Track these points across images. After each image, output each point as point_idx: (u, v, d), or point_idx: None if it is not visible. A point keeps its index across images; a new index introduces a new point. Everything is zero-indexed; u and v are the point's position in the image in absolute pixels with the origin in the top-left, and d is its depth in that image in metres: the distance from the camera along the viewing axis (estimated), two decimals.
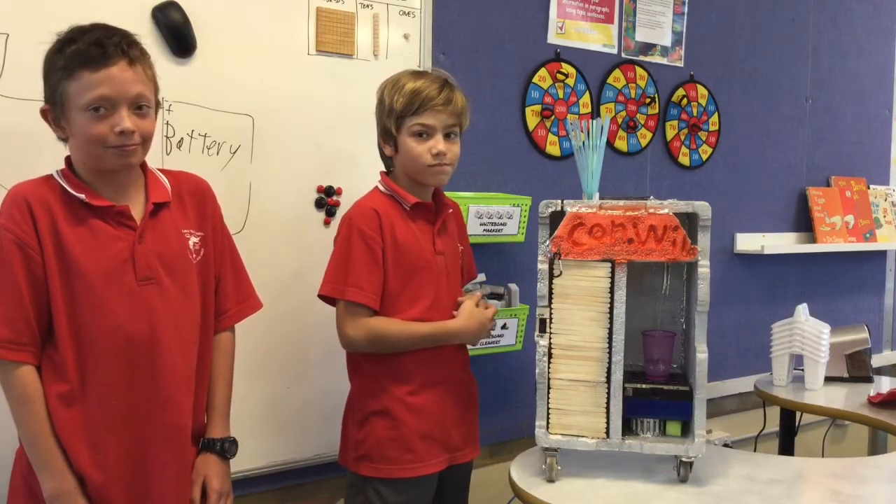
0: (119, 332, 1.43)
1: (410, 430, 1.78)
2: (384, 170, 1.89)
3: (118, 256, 1.44)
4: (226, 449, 1.60)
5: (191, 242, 1.55)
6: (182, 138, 1.91)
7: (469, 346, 1.93)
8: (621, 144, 2.80)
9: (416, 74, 1.82)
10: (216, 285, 1.61)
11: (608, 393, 1.62)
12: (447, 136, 1.79)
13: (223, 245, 1.63)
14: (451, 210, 1.91)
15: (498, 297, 2.39)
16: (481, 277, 2.33)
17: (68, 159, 1.49)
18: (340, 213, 2.02)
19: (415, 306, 1.77)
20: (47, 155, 1.74)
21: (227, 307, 1.63)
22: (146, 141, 1.46)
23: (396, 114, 1.76)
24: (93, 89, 1.38)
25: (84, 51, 1.39)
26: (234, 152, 1.98)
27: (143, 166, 1.54)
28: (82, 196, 1.44)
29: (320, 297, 1.80)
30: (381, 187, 1.85)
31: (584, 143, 1.71)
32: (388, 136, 1.81)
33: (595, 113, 2.71)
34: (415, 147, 1.76)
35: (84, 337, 1.42)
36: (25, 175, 1.71)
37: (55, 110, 1.43)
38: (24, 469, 1.45)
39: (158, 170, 1.58)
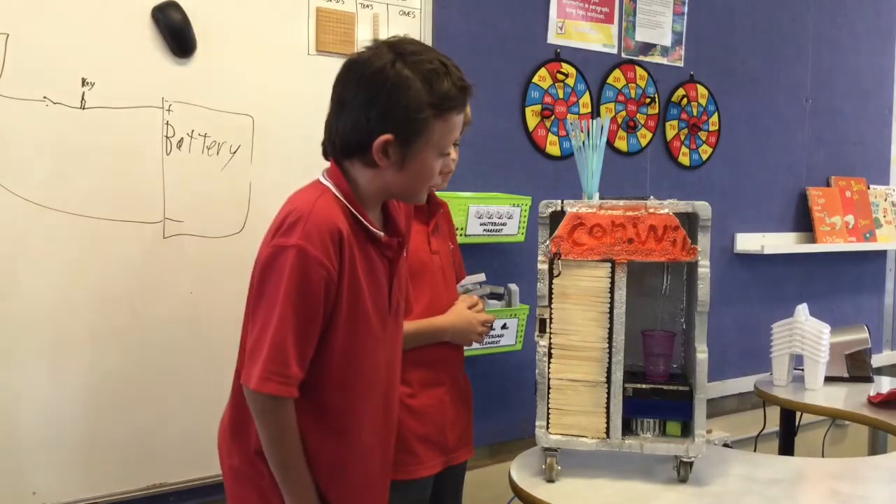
0: (375, 363, 1.42)
1: (410, 432, 1.78)
2: None
3: (382, 289, 1.42)
4: None
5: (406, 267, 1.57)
6: (182, 138, 1.91)
7: (467, 347, 1.93)
8: (621, 144, 2.80)
9: None
10: None
11: (608, 393, 1.62)
12: (454, 144, 1.79)
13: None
14: (442, 210, 1.91)
15: (498, 297, 2.39)
16: (481, 277, 2.33)
17: (344, 183, 1.38)
18: None
19: (414, 307, 1.77)
20: (47, 155, 1.75)
21: None
22: None
23: None
24: (455, 132, 1.38)
25: (456, 97, 1.34)
26: (234, 152, 1.98)
27: None
28: (380, 234, 1.39)
29: None
30: None
31: (584, 143, 1.71)
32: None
33: (595, 113, 2.71)
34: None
35: (350, 371, 1.38)
36: (26, 175, 1.73)
37: (397, 142, 1.32)
38: (264, 485, 1.40)
39: None
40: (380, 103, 1.32)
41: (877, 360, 3.44)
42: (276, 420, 1.33)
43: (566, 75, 2.63)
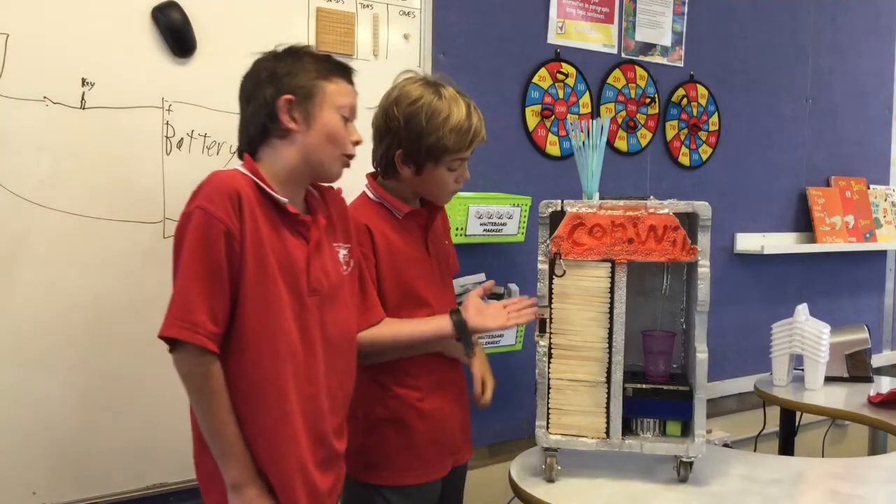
0: (290, 338, 1.44)
1: (420, 437, 1.75)
2: (371, 173, 1.83)
3: (297, 265, 1.46)
4: None
5: (341, 255, 1.58)
6: (182, 138, 1.91)
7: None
8: (621, 144, 2.80)
9: (449, 98, 1.72)
10: None
11: (608, 393, 1.62)
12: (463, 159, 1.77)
13: (357, 254, 1.65)
14: (440, 212, 1.89)
15: (498, 297, 2.39)
16: (481, 277, 2.33)
17: (252, 162, 1.48)
18: None
19: (418, 314, 1.75)
20: (47, 155, 1.75)
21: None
22: None
23: (445, 150, 1.69)
24: (349, 96, 1.51)
25: (337, 64, 1.52)
26: (234, 152, 1.98)
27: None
28: (284, 200, 1.45)
29: None
30: (370, 194, 1.80)
31: (584, 143, 1.71)
32: (414, 160, 1.72)
33: (595, 113, 2.71)
34: (447, 176, 1.74)
35: (260, 339, 1.42)
36: (26, 175, 1.73)
37: (298, 102, 1.46)
38: (210, 466, 1.45)
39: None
40: (273, 80, 1.48)
41: (877, 360, 3.44)
42: (199, 380, 1.38)
43: (566, 75, 2.63)
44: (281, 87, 1.47)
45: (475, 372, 1.93)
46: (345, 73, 1.53)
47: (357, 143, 1.53)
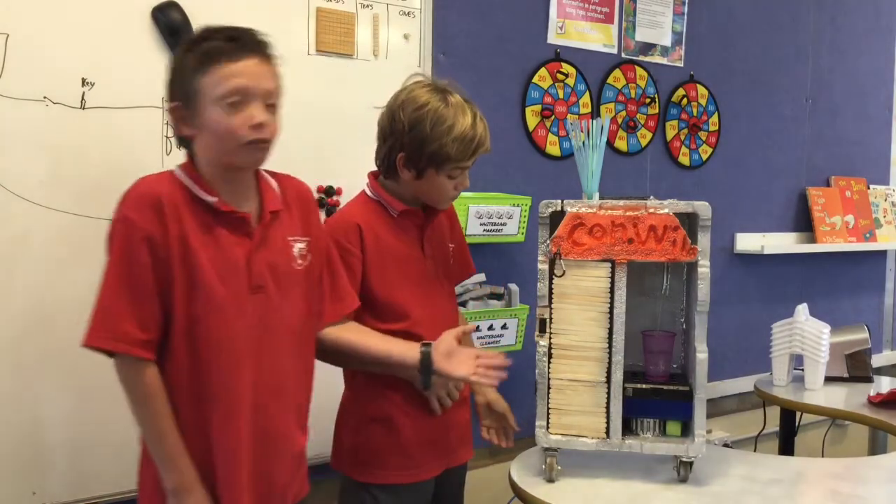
0: (231, 339, 1.43)
1: (409, 436, 1.77)
2: (373, 171, 1.84)
3: (235, 263, 1.43)
4: None
5: (296, 249, 1.54)
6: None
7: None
8: (621, 144, 2.80)
9: (455, 106, 1.71)
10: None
11: (608, 393, 1.62)
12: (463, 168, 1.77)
13: (324, 246, 1.62)
14: (439, 213, 1.89)
15: (498, 297, 2.39)
16: (481, 277, 2.33)
17: (190, 161, 1.46)
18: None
19: (407, 313, 1.75)
20: (47, 155, 1.75)
21: (321, 308, 1.62)
22: (273, 140, 1.45)
23: (447, 158, 1.69)
24: (229, 80, 1.38)
25: (219, 45, 1.40)
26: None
27: (255, 170, 1.53)
28: (213, 200, 1.42)
29: None
30: (368, 192, 1.81)
31: (584, 143, 1.71)
32: (415, 164, 1.71)
33: (595, 113, 2.71)
34: (447, 184, 1.74)
35: (198, 342, 1.41)
36: (26, 175, 1.73)
37: (184, 107, 1.42)
38: (154, 471, 1.44)
39: (266, 172, 1.55)
40: (168, 85, 1.45)
41: (877, 360, 3.44)
42: (134, 387, 1.39)
43: (566, 75, 2.63)
44: (171, 96, 1.44)
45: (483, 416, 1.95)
46: (227, 50, 1.40)
47: (258, 125, 1.40)
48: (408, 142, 1.70)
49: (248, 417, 1.45)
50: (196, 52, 1.41)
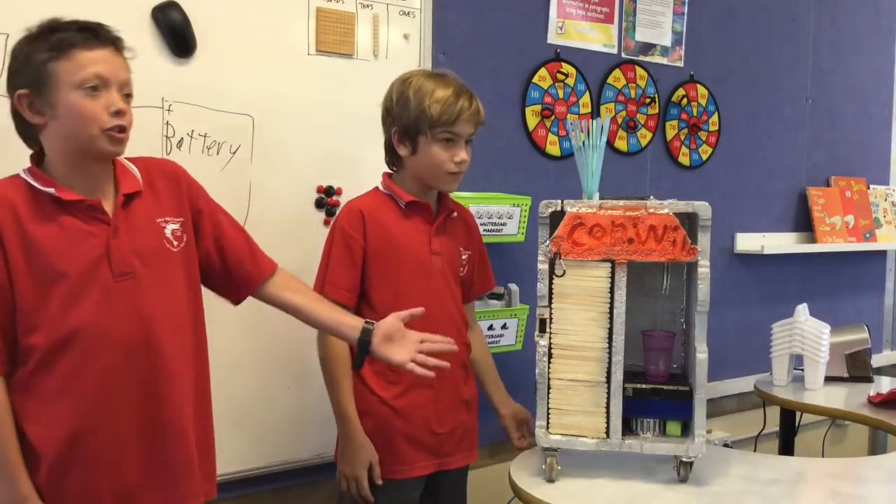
0: (99, 332, 1.39)
1: (395, 432, 1.78)
2: (387, 171, 1.89)
3: (92, 253, 1.39)
4: None
5: (168, 230, 1.49)
6: (182, 138, 1.91)
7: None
8: (621, 144, 2.80)
9: (439, 79, 1.81)
10: (225, 257, 1.57)
11: (608, 393, 1.62)
12: (466, 142, 1.80)
13: (217, 219, 1.58)
14: (454, 213, 1.90)
15: (498, 297, 2.39)
16: None
17: (35, 156, 1.44)
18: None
19: (404, 302, 1.75)
20: None
21: (246, 270, 1.59)
22: (129, 129, 1.42)
23: (430, 121, 1.75)
24: (89, 67, 1.37)
25: (74, 35, 1.38)
26: (234, 152, 1.98)
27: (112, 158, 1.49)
28: (50, 190, 1.38)
29: None
30: (380, 187, 1.86)
31: (584, 143, 1.71)
32: (408, 136, 1.79)
33: (595, 113, 2.71)
34: (440, 153, 1.77)
35: (57, 337, 1.37)
36: None
37: (34, 94, 1.38)
38: None
39: (127, 159, 1.51)
40: (10, 74, 1.41)
41: (877, 360, 3.44)
42: None
43: (566, 75, 2.63)
44: (15, 84, 1.39)
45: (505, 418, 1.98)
46: (85, 38, 1.39)
47: (116, 112, 1.38)
48: (397, 114, 1.79)
49: (133, 410, 1.41)
50: (48, 41, 1.38)
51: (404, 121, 1.78)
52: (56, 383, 1.38)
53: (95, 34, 1.40)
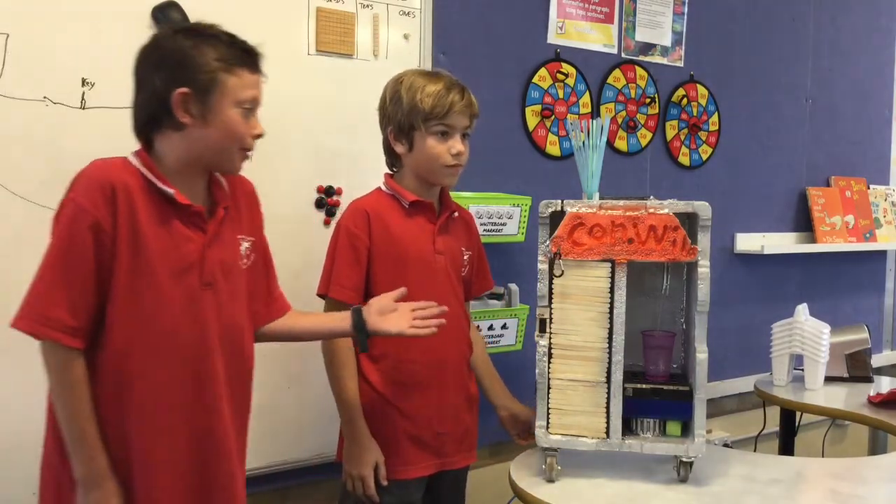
0: (173, 333, 1.42)
1: (398, 432, 1.79)
2: (388, 171, 1.89)
3: (187, 258, 1.42)
4: None
5: (243, 248, 1.54)
6: None
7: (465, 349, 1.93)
8: (621, 144, 2.80)
9: (430, 75, 1.82)
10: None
11: (608, 393, 1.62)
12: (462, 136, 1.81)
13: (264, 246, 1.63)
14: (455, 213, 1.90)
15: (498, 297, 2.39)
16: None
17: (143, 151, 1.44)
18: (340, 213, 2.02)
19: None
20: (47, 155, 1.75)
21: (256, 308, 1.61)
22: None
23: (423, 114, 1.76)
24: (251, 89, 1.43)
25: (242, 53, 1.44)
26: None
27: None
28: (171, 192, 1.41)
29: (318, 295, 1.82)
30: (383, 187, 1.86)
31: (584, 143, 1.71)
32: (403, 134, 1.80)
33: (595, 113, 2.71)
34: (435, 146, 1.77)
35: (136, 333, 1.39)
36: (26, 175, 1.73)
37: (197, 96, 1.39)
38: (51, 460, 1.44)
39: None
40: (167, 66, 1.40)
41: (877, 360, 3.44)
42: (57, 373, 1.37)
43: (566, 75, 2.63)
44: (176, 78, 1.38)
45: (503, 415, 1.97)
46: (250, 61, 1.45)
47: (258, 136, 1.46)
48: (391, 112, 1.81)
49: (185, 413, 1.44)
50: (217, 50, 1.41)
51: (399, 118, 1.79)
52: (126, 378, 1.40)
53: (255, 60, 1.46)
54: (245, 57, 1.44)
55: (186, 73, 1.39)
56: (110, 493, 1.39)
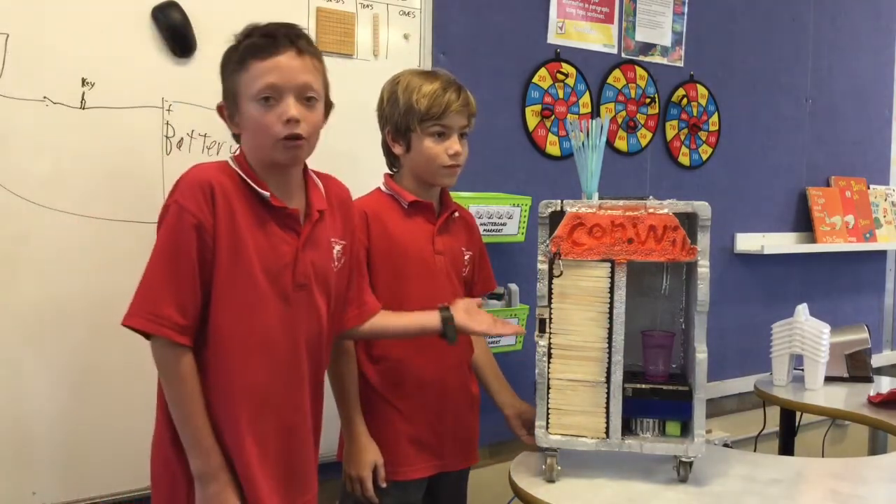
0: (268, 333, 1.45)
1: (398, 433, 1.79)
2: (388, 172, 1.89)
3: (282, 259, 1.46)
4: None
5: (335, 250, 1.57)
6: (182, 138, 1.91)
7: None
8: (621, 144, 2.80)
9: (427, 75, 1.81)
10: (337, 296, 1.62)
11: (608, 393, 1.62)
12: (460, 136, 1.80)
13: (357, 251, 1.66)
14: (455, 213, 1.90)
15: (498, 297, 2.39)
16: None
17: (241, 154, 1.49)
18: None
19: (409, 301, 1.77)
20: (47, 155, 1.75)
21: (348, 312, 1.66)
22: (312, 135, 1.47)
23: (419, 115, 1.75)
24: (262, 77, 1.41)
25: (255, 42, 1.43)
26: (235, 152, 1.98)
27: (304, 166, 1.55)
28: (265, 194, 1.44)
29: None
30: (382, 187, 1.86)
31: (583, 143, 1.71)
32: (401, 135, 1.80)
33: (595, 113, 2.71)
34: (432, 147, 1.77)
35: (234, 333, 1.43)
36: (26, 175, 1.73)
37: (229, 106, 1.46)
38: (165, 454, 1.48)
39: (312, 171, 1.58)
40: (221, 78, 1.49)
41: (877, 360, 3.44)
42: (167, 369, 1.41)
43: (566, 75, 2.63)
44: (222, 93, 1.49)
45: (509, 413, 1.96)
46: (259, 49, 1.43)
47: (290, 120, 1.42)
48: (388, 113, 1.81)
49: (275, 416, 1.48)
50: (237, 51, 1.45)
51: (395, 119, 1.79)
52: (227, 376, 1.44)
53: (275, 39, 1.43)
54: (256, 46, 1.43)
55: (224, 88, 1.48)
56: (226, 485, 1.43)
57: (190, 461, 1.43)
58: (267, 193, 1.44)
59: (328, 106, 1.53)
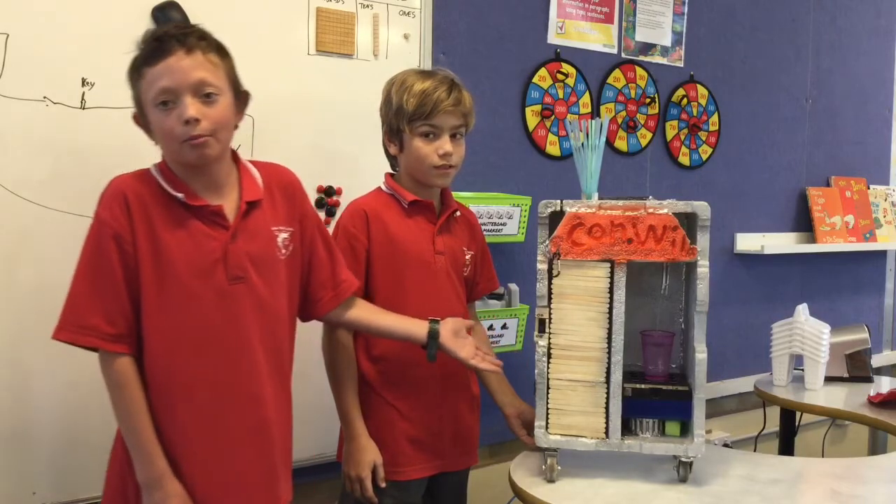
0: (208, 330, 1.45)
1: (398, 433, 1.78)
2: (389, 171, 1.89)
3: (210, 256, 1.45)
4: None
5: (280, 239, 1.55)
6: None
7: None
8: (621, 144, 2.80)
9: (424, 74, 1.80)
10: (309, 274, 1.62)
11: (607, 393, 1.62)
12: (453, 136, 1.78)
13: (314, 233, 1.63)
14: (457, 213, 1.90)
15: (498, 297, 2.39)
16: None
17: (162, 160, 1.49)
18: (340, 212, 2.02)
19: (409, 301, 1.77)
20: (47, 155, 1.75)
21: (321, 295, 1.64)
22: (218, 130, 1.44)
23: (407, 115, 1.74)
24: (155, 83, 1.40)
25: (145, 49, 1.42)
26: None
27: (236, 158, 1.55)
28: (180, 196, 1.44)
29: None
30: (383, 187, 1.86)
31: (583, 143, 1.71)
32: (394, 135, 1.80)
33: (595, 113, 2.71)
34: (422, 147, 1.76)
35: (171, 335, 1.44)
36: (26, 175, 1.73)
37: (141, 115, 1.46)
38: (120, 467, 1.48)
39: (250, 162, 1.58)
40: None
41: (877, 360, 3.44)
42: (106, 376, 1.43)
43: (566, 75, 2.63)
44: (133, 102, 1.47)
45: (509, 413, 1.94)
46: (149, 56, 1.41)
47: (187, 121, 1.39)
48: (384, 113, 1.81)
49: (235, 407, 1.47)
50: (135, 60, 1.44)
51: (389, 119, 1.79)
52: (172, 380, 1.44)
53: (162, 42, 1.41)
54: (144, 55, 1.42)
55: (133, 96, 1.46)
56: (172, 494, 1.42)
57: (137, 469, 1.44)
58: (181, 195, 1.44)
59: (243, 97, 1.52)
